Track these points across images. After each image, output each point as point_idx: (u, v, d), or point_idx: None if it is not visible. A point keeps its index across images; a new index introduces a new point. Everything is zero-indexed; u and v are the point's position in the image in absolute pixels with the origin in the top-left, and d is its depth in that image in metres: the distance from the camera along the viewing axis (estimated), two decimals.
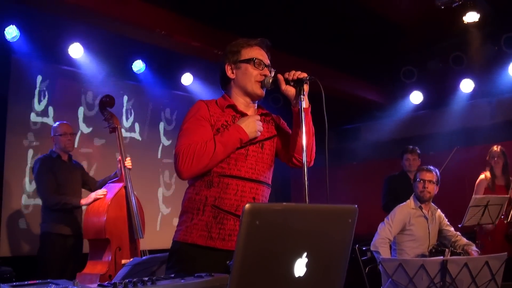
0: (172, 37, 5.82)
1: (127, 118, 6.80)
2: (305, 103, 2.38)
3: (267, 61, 2.50)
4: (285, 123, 2.62)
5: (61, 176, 4.61)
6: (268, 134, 2.50)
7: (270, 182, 2.51)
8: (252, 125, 2.36)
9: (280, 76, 2.41)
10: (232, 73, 2.49)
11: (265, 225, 1.31)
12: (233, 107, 2.45)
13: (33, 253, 4.80)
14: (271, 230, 1.35)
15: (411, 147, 5.87)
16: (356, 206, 1.78)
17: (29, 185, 5.59)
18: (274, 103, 7.21)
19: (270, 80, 2.44)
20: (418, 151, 5.84)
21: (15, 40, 5.45)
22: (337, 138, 8.86)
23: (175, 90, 7.32)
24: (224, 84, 2.56)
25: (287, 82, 2.39)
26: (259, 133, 2.39)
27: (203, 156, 2.26)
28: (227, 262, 2.15)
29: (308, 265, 1.51)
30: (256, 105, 2.56)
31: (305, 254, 1.50)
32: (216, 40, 6.10)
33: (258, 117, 2.42)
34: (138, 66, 6.65)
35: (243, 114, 2.44)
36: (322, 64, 6.93)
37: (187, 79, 7.11)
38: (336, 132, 8.79)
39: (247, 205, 1.27)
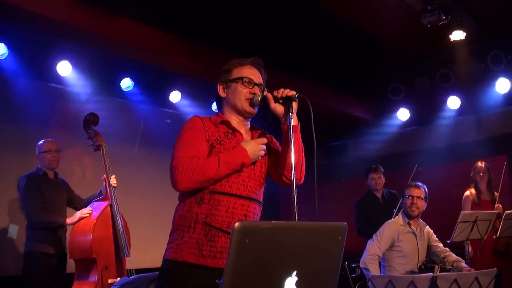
0: (161, 55, 5.83)
1: (114, 135, 6.77)
2: (294, 121, 2.38)
3: (258, 80, 2.52)
4: (277, 142, 2.63)
5: (47, 194, 4.56)
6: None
7: (261, 200, 2.51)
8: (257, 148, 2.37)
9: (269, 94, 2.44)
10: (224, 92, 2.54)
11: (255, 243, 1.31)
12: (226, 123, 2.48)
13: (19, 273, 4.71)
14: (261, 248, 1.35)
15: (374, 166, 5.95)
16: (346, 223, 1.78)
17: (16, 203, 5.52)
18: (262, 120, 7.24)
19: (259, 98, 2.46)
20: (382, 169, 5.91)
21: (3, 58, 5.43)
22: (325, 155, 8.88)
23: (163, 108, 7.31)
24: (217, 103, 2.61)
25: (276, 100, 2.41)
26: (260, 158, 2.41)
27: (206, 172, 2.26)
28: (217, 280, 2.13)
29: (298, 283, 1.50)
30: (249, 123, 2.58)
31: (295, 272, 1.50)
32: (206, 57, 6.14)
33: (265, 140, 2.43)
34: (126, 83, 6.65)
35: (235, 130, 2.46)
36: (310, 82, 6.97)
37: (175, 96, 7.12)
38: (324, 148, 8.81)
39: (236, 224, 1.27)
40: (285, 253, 1.45)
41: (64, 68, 5.90)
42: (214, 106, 7.54)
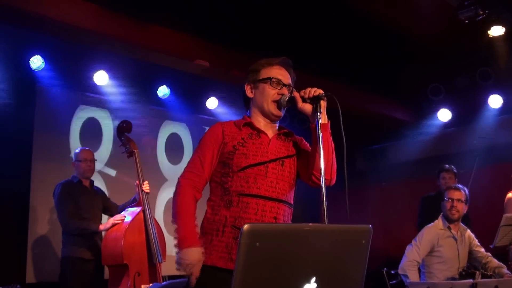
0: (195, 62, 5.85)
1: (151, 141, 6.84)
2: (323, 119, 2.32)
3: (287, 81, 2.48)
4: (307, 144, 2.56)
5: (82, 202, 4.62)
6: (288, 153, 2.46)
7: (292, 202, 2.44)
8: (192, 255, 2.21)
9: (296, 94, 2.39)
10: (251, 92, 2.51)
11: (267, 247, 1.24)
12: (250, 124, 2.45)
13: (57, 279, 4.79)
14: (274, 252, 1.27)
15: (447, 166, 5.70)
16: (370, 226, 1.69)
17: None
18: (299, 125, 7.16)
19: (287, 99, 2.42)
20: (455, 170, 5.66)
21: (40, 69, 5.60)
22: (365, 158, 8.70)
23: (201, 114, 7.33)
24: (245, 104, 2.58)
25: (304, 100, 2.35)
26: (191, 268, 2.22)
27: (174, 209, 2.34)
28: None
29: None
30: (277, 125, 2.53)
31: (313, 278, 1.42)
32: (240, 63, 6.13)
33: (195, 274, 2.23)
34: (163, 91, 6.72)
35: (260, 131, 2.43)
36: (347, 84, 6.86)
37: (212, 103, 7.15)
38: (364, 152, 8.64)
39: (245, 226, 1.21)
40: (301, 258, 1.37)
41: (101, 78, 6.02)
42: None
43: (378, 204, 8.19)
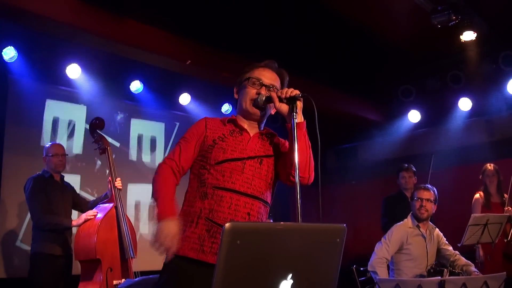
0: (169, 57, 5.84)
1: (123, 137, 6.79)
2: (298, 118, 2.37)
3: (268, 81, 2.52)
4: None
5: (53, 197, 4.58)
6: (267, 152, 2.50)
7: (268, 201, 2.48)
8: (170, 227, 2.20)
9: (273, 94, 2.43)
10: (236, 93, 2.61)
11: (247, 245, 1.28)
12: (234, 121, 2.52)
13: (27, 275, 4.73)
14: (254, 250, 1.31)
15: (406, 165, 5.85)
16: (345, 225, 1.74)
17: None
18: (272, 123, 7.20)
19: (263, 98, 2.46)
20: (414, 169, 5.81)
21: (12, 60, 5.49)
22: (336, 157, 8.82)
23: (173, 110, 7.32)
24: (234, 105, 2.65)
25: (281, 100, 2.40)
26: (169, 239, 2.20)
27: (154, 185, 2.40)
28: None
29: (293, 286, 1.47)
30: (261, 126, 2.57)
31: (290, 275, 1.46)
32: (214, 60, 6.14)
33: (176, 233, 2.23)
34: (136, 86, 6.67)
35: (242, 129, 2.50)
36: (320, 83, 6.93)
37: (184, 99, 7.13)
38: (335, 151, 8.75)
39: (227, 224, 1.25)
40: (279, 255, 1.41)
41: (74, 71, 5.94)
42: (223, 108, 7.56)
43: (347, 202, 8.31)
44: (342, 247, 1.70)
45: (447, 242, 4.39)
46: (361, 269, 4.83)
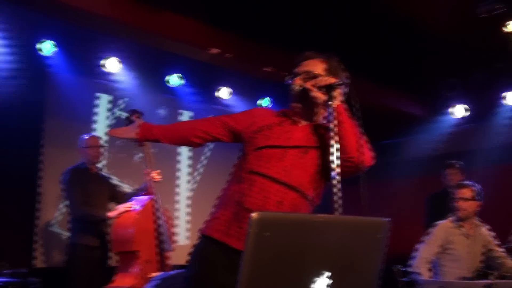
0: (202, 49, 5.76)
1: None
2: (337, 102, 2.24)
3: (304, 68, 2.39)
4: None
5: (89, 188, 4.59)
6: (317, 144, 2.34)
7: (310, 195, 2.31)
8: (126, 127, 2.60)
9: (308, 84, 2.32)
10: None
11: (277, 238, 1.16)
12: (285, 112, 2.43)
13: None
14: (284, 244, 1.19)
15: (450, 161, 5.64)
16: (389, 219, 1.60)
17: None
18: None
19: (296, 88, 2.36)
20: (458, 165, 5.58)
21: (51, 55, 5.57)
22: (378, 153, 8.55)
23: (212, 104, 7.27)
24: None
25: (317, 89, 2.28)
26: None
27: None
28: None
29: (329, 286, 1.34)
30: (316, 118, 2.41)
31: (326, 273, 1.34)
32: (253, 53, 6.06)
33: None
34: (175, 79, 6.66)
35: (293, 120, 2.39)
36: (362, 77, 6.75)
37: (224, 93, 7.09)
38: (377, 146, 8.49)
39: (254, 214, 1.13)
40: (313, 250, 1.29)
41: (112, 64, 5.98)
42: (263, 103, 7.46)
43: (389, 199, 8.08)
44: (384, 244, 1.57)
45: (496, 243, 4.15)
46: (402, 269, 4.65)
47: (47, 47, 5.49)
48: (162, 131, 2.55)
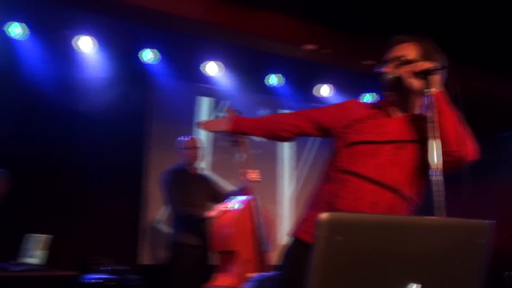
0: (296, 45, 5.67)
1: None
2: (435, 89, 2.04)
3: (393, 54, 2.21)
4: None
5: (188, 189, 4.68)
6: (416, 137, 2.15)
7: (409, 194, 2.13)
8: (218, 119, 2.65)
9: (402, 71, 2.13)
10: None
11: (351, 243, 1.02)
12: (379, 104, 2.29)
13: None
14: (361, 250, 1.04)
15: None
16: (491, 221, 1.40)
17: None
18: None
19: (389, 77, 2.19)
20: None
21: (153, 62, 5.86)
22: (493, 147, 7.93)
23: (313, 102, 7.16)
24: None
25: (412, 75, 2.09)
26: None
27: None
28: None
29: None
30: (412, 108, 2.23)
31: (414, 285, 1.17)
32: (350, 47, 5.87)
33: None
34: (273, 79, 6.68)
35: (387, 111, 2.24)
36: (473, 66, 6.28)
37: (325, 90, 6.98)
38: (492, 140, 7.88)
39: (323, 215, 1.00)
40: (397, 258, 1.12)
41: (212, 68, 6.16)
42: (365, 99, 7.22)
43: (504, 199, 7.45)
44: (486, 249, 1.36)
45: None
46: None
47: (148, 55, 5.80)
48: (254, 124, 2.53)
